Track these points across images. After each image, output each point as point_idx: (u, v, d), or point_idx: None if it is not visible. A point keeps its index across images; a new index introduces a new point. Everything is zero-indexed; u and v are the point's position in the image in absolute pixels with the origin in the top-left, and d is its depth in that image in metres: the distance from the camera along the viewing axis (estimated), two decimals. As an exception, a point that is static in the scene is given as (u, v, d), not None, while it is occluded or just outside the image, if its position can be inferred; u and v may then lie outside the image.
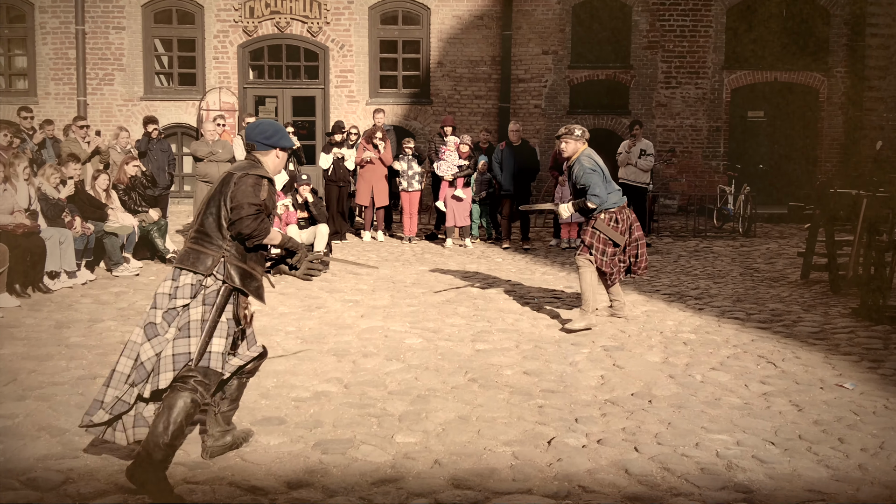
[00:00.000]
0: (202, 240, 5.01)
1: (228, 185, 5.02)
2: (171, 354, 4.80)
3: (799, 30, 19.46)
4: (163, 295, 4.97)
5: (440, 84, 19.59)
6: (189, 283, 4.95)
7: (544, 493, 4.85)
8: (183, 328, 4.87)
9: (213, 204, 5.02)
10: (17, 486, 4.80)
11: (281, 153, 5.34)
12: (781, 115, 19.80)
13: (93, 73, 19.57)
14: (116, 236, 11.64)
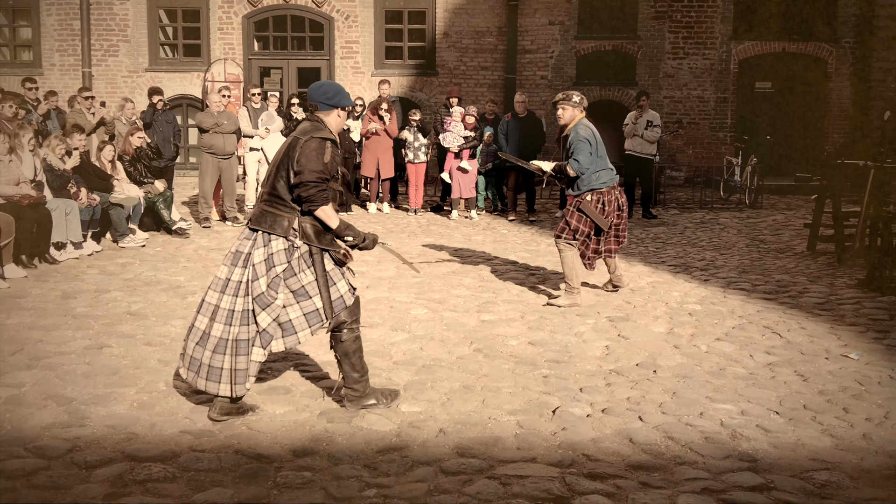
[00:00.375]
0: (276, 202, 5.26)
1: (295, 148, 5.22)
2: (302, 315, 5.28)
3: (807, 0, 19.29)
4: (260, 264, 5.21)
5: (446, 55, 19.49)
6: (283, 249, 5.24)
7: (548, 461, 4.86)
8: (299, 292, 5.26)
9: (283, 167, 5.25)
10: (24, 455, 4.83)
11: (342, 112, 5.54)
12: (789, 85, 19.68)
13: (97, 45, 19.50)
14: (122, 207, 11.65)
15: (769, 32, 19.41)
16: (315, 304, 5.29)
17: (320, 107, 5.46)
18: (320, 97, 5.48)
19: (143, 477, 4.56)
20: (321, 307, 5.30)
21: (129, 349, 6.88)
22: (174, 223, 12.55)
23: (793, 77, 19.60)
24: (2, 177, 9.78)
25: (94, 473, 4.60)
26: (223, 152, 13.31)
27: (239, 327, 5.23)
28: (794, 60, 19.52)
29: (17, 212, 9.67)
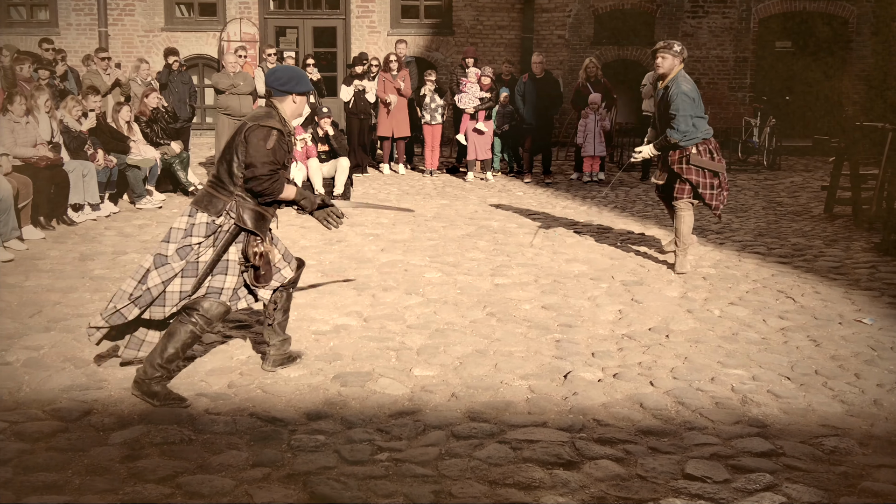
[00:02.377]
0: (216, 185, 5.23)
1: (241, 134, 5.18)
2: (178, 291, 5.13)
3: (830, -43, 19.01)
4: (177, 230, 5.17)
5: (462, 14, 19.35)
6: (204, 223, 5.15)
7: (559, 425, 4.91)
8: (191, 266, 5.13)
9: (228, 152, 5.21)
10: (43, 416, 4.91)
11: (298, 98, 5.37)
12: (809, 45, 19.43)
13: (113, 4, 19.45)
14: (139, 169, 11.70)
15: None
16: (189, 285, 5.14)
17: (274, 93, 5.36)
18: (273, 83, 5.36)
19: (160, 439, 4.64)
20: (189, 290, 5.14)
21: (145, 312, 6.95)
22: (191, 184, 12.59)
23: (813, 37, 19.35)
24: (19, 138, 9.83)
25: (111, 436, 4.68)
26: (239, 113, 13.30)
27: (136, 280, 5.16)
28: (814, 20, 19.26)
29: (34, 173, 9.73)
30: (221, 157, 5.25)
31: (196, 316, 5.16)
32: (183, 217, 5.21)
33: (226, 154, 5.23)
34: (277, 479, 4.24)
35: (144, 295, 5.09)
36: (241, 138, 5.16)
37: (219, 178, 5.22)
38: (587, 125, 14.55)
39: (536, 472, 4.34)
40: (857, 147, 11.30)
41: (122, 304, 5.12)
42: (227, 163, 5.19)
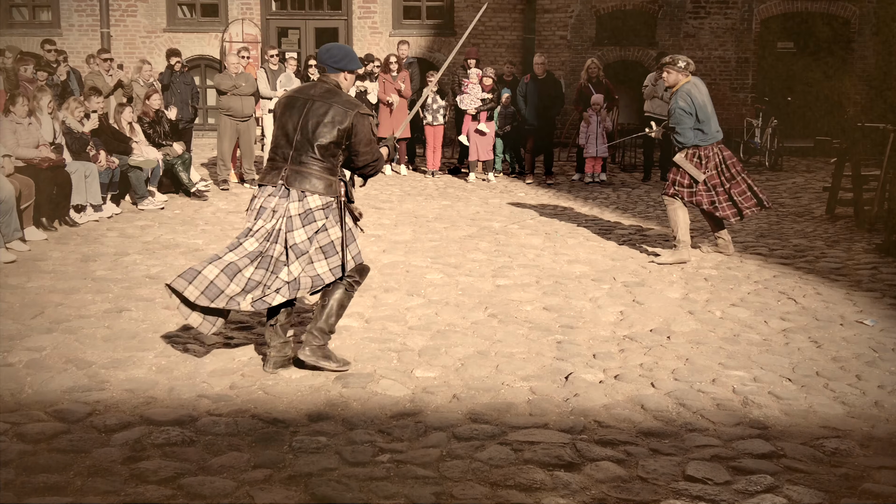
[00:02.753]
0: (313, 163, 5.40)
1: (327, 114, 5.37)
2: (328, 269, 5.52)
3: (832, -42, 19.00)
4: (296, 217, 5.38)
5: (464, 15, 19.35)
6: (320, 207, 5.41)
7: (560, 427, 4.91)
8: (327, 247, 5.48)
9: (325, 130, 5.36)
10: (45, 418, 4.92)
11: (349, 75, 5.65)
12: (811, 46, 19.41)
13: (116, 5, 19.47)
14: (141, 170, 11.71)
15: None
16: (339, 260, 5.51)
17: (328, 69, 5.59)
18: (328, 60, 5.59)
19: (162, 441, 4.65)
20: (342, 263, 5.52)
21: (148, 313, 6.97)
22: (193, 185, 12.61)
23: (815, 37, 19.34)
24: (21, 140, 9.85)
25: (113, 437, 4.69)
26: (241, 114, 13.34)
27: (255, 268, 5.39)
28: (816, 20, 19.25)
29: (36, 175, 9.75)
30: (311, 135, 5.36)
31: (349, 281, 5.65)
32: (293, 203, 5.38)
33: (321, 131, 5.36)
34: (279, 480, 4.25)
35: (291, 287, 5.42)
36: (349, 124, 5.37)
37: (315, 157, 5.38)
38: (589, 126, 14.55)
39: (537, 473, 4.35)
40: (858, 148, 11.29)
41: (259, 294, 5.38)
42: (327, 140, 5.35)
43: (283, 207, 5.40)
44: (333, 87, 5.53)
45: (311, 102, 5.43)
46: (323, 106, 5.39)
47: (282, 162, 5.45)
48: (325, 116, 5.36)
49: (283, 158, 5.45)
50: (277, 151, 5.50)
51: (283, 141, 5.47)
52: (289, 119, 5.45)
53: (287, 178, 5.40)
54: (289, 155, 5.42)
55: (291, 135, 5.43)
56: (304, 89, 5.64)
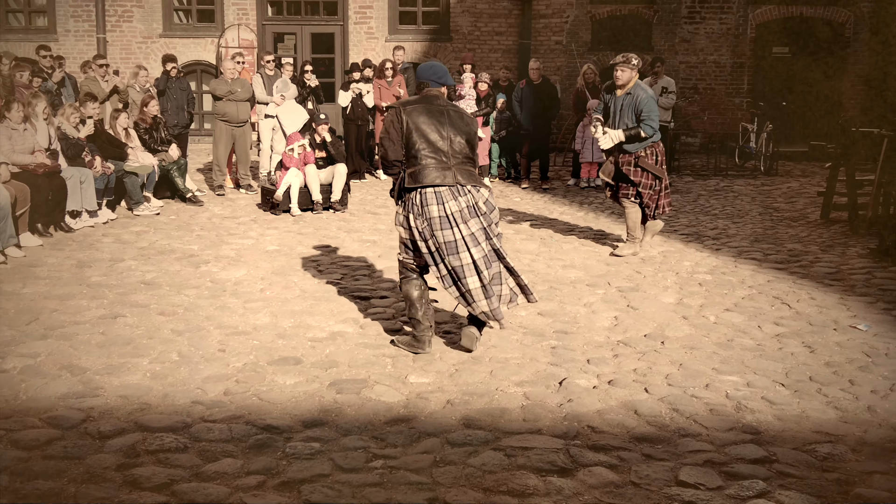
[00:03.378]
0: (469, 161, 6.19)
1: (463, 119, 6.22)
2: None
3: (826, -37, 19.05)
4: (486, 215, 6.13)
5: (460, 20, 19.39)
6: (489, 198, 6.22)
7: (553, 433, 4.93)
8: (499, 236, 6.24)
9: (460, 133, 6.12)
10: (39, 424, 4.93)
11: (446, 89, 6.40)
12: (807, 51, 19.46)
13: (112, 10, 19.49)
14: (137, 175, 11.72)
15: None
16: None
17: (432, 84, 6.28)
18: (431, 76, 6.30)
19: (156, 447, 4.65)
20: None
21: (142, 319, 6.98)
22: (188, 191, 12.62)
23: (810, 42, 19.38)
24: (17, 145, 9.85)
25: (107, 444, 4.70)
26: (237, 120, 13.35)
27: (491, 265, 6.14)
28: (811, 25, 19.29)
29: (32, 180, 9.75)
30: (454, 138, 6.09)
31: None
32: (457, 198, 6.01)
33: (459, 135, 6.12)
34: (272, 486, 4.26)
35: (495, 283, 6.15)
36: (475, 128, 6.31)
37: (468, 156, 6.17)
38: (586, 131, 14.56)
39: (531, 479, 4.36)
40: (853, 152, 11.32)
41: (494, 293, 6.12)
42: (467, 144, 6.15)
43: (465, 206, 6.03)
44: (446, 99, 6.33)
45: (446, 113, 6.13)
46: (457, 115, 6.19)
47: (443, 164, 6.04)
48: (463, 124, 6.18)
49: (442, 161, 6.05)
50: (430, 155, 6.04)
51: (428, 147, 6.04)
52: (429, 127, 6.06)
53: (457, 176, 6.05)
54: (448, 157, 6.07)
55: (440, 141, 6.06)
56: (428, 101, 6.20)
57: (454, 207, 5.97)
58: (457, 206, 5.98)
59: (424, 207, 5.99)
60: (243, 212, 12.07)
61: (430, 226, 6.00)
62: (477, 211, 6.06)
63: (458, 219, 5.98)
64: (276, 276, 8.45)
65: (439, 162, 6.01)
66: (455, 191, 6.01)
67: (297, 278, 8.36)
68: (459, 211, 5.99)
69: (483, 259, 6.04)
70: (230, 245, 9.82)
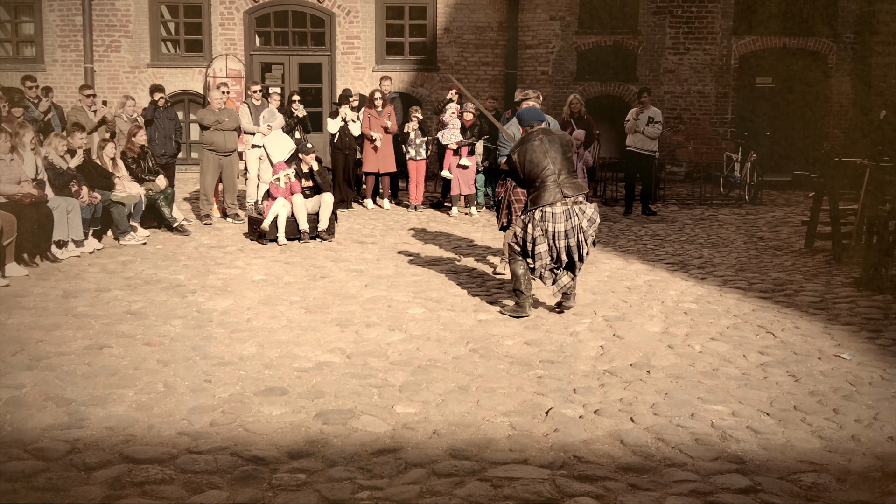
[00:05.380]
0: (575, 175, 8.11)
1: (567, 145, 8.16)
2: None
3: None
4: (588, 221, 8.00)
5: (447, 50, 19.53)
6: (594, 206, 8.13)
7: (540, 462, 4.93)
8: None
9: (567, 152, 8.07)
10: (24, 456, 4.91)
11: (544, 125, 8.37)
12: (790, 82, 19.67)
13: (99, 40, 19.54)
14: (123, 205, 11.72)
15: (770, 28, 19.39)
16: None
17: (536, 123, 8.23)
18: (533, 118, 8.31)
19: (141, 479, 4.64)
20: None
21: (128, 349, 6.96)
22: (175, 220, 12.62)
23: (793, 73, 19.59)
24: (3, 176, 9.85)
25: (92, 475, 4.68)
26: (224, 149, 13.38)
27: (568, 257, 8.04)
28: (794, 56, 19.51)
29: (18, 210, 9.74)
30: (564, 158, 8.00)
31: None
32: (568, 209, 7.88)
33: (567, 153, 8.07)
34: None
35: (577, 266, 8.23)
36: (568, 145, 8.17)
37: (574, 171, 8.07)
38: (573, 160, 14.65)
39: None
40: (836, 182, 11.43)
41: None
42: (570, 162, 8.07)
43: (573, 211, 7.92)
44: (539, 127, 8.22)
45: (551, 140, 8.01)
46: (556, 141, 8.04)
47: (554, 183, 7.86)
48: (563, 147, 8.03)
49: (553, 181, 7.87)
50: (544, 178, 7.89)
51: (542, 170, 7.90)
52: (543, 154, 7.92)
53: (568, 189, 7.89)
54: (558, 176, 7.89)
55: (552, 164, 7.90)
56: (536, 136, 8.05)
57: (562, 227, 7.86)
58: (564, 218, 7.86)
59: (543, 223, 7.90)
60: (230, 241, 12.07)
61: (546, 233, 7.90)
62: (579, 230, 7.92)
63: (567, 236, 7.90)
64: (262, 305, 8.45)
65: (550, 182, 7.86)
66: (568, 212, 7.86)
67: (284, 308, 8.37)
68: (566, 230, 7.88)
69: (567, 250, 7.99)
70: (217, 275, 9.82)
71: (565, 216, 7.85)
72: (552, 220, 7.86)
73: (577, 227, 7.89)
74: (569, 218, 7.85)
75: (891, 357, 6.98)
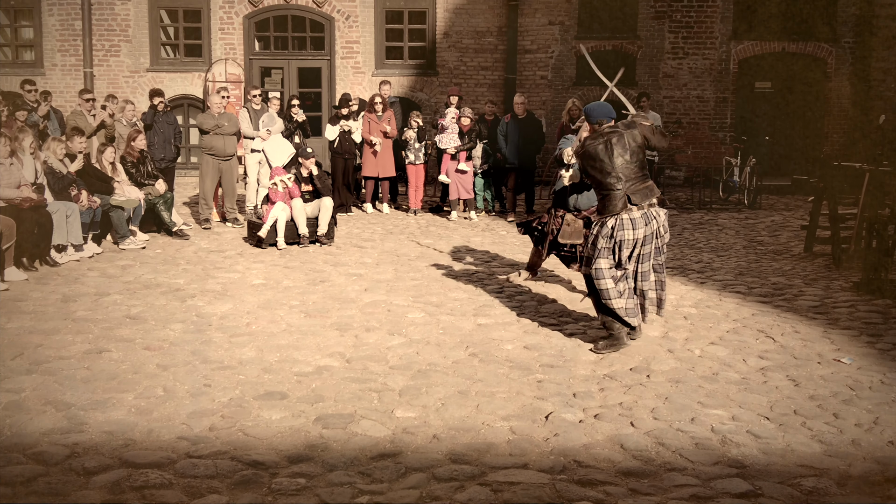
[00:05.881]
0: (647, 178, 7.09)
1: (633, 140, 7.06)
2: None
3: (807, 0, 19.28)
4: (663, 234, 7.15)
5: (446, 55, 19.54)
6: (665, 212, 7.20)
7: (540, 467, 4.93)
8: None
9: (638, 153, 7.05)
10: (23, 461, 4.90)
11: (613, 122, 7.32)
12: (789, 86, 19.68)
13: (99, 45, 19.55)
14: (123, 209, 11.72)
15: (769, 32, 19.42)
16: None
17: (606, 120, 7.28)
18: (605, 114, 7.34)
19: (140, 483, 4.63)
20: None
21: (127, 353, 6.96)
22: (174, 225, 12.61)
23: (792, 77, 19.61)
24: (3, 180, 9.85)
25: (91, 480, 4.67)
26: (223, 154, 13.38)
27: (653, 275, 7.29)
28: (793, 60, 19.53)
29: (17, 215, 9.73)
30: (633, 157, 7.01)
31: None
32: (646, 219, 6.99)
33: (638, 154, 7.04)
34: (258, 522, 4.24)
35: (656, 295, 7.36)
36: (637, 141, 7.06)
37: (645, 177, 7.06)
38: (572, 166, 14.67)
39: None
40: (835, 186, 11.43)
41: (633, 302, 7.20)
42: (639, 161, 7.06)
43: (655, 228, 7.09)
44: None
45: (618, 139, 7.00)
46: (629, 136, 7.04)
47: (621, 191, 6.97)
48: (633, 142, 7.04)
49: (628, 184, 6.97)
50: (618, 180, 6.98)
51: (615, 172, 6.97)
52: (618, 154, 6.98)
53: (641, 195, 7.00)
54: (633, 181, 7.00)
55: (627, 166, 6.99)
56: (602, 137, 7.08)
57: (642, 233, 6.98)
58: (644, 231, 6.98)
59: (623, 230, 6.97)
60: (229, 245, 12.06)
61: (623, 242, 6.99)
62: (657, 235, 7.09)
63: (644, 242, 7.04)
64: (262, 310, 8.45)
65: (628, 185, 6.97)
66: (646, 216, 7.00)
67: (283, 312, 8.36)
68: (645, 235, 7.00)
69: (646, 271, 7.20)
70: (216, 279, 9.81)
71: (645, 219, 7.01)
72: (627, 227, 6.98)
73: (655, 232, 7.08)
74: (647, 223, 7.02)
75: (890, 361, 6.98)
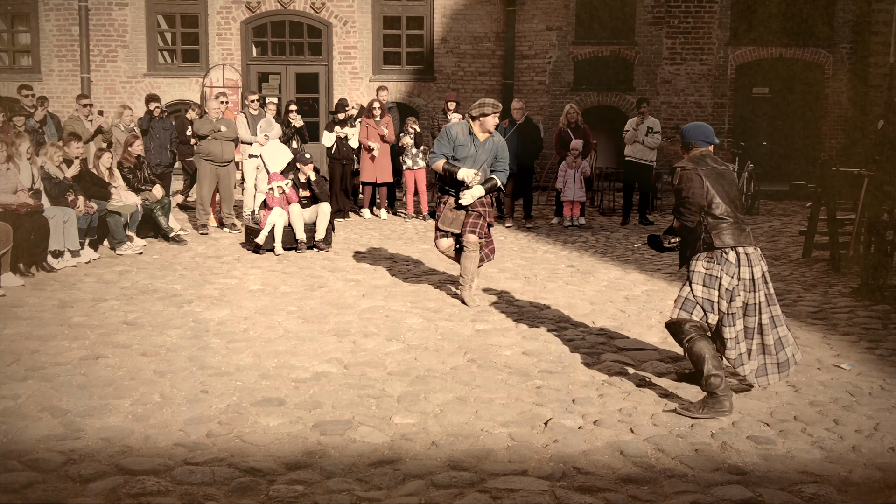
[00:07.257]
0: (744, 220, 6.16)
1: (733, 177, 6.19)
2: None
3: (804, 5, 19.30)
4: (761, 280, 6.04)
5: (444, 60, 19.53)
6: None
7: (539, 474, 4.90)
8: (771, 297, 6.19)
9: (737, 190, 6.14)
10: (19, 468, 4.87)
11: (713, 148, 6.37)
12: (786, 91, 19.69)
13: (96, 50, 19.54)
14: (120, 215, 11.69)
15: (766, 37, 19.41)
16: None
17: (700, 144, 6.27)
18: (702, 137, 6.31)
19: (137, 490, 4.60)
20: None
21: (124, 359, 6.92)
22: (172, 230, 12.58)
23: (790, 82, 19.61)
24: (0, 185, 9.82)
25: (88, 487, 4.64)
26: (221, 159, 13.36)
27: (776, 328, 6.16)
28: (791, 65, 19.54)
29: (14, 220, 9.70)
30: (735, 198, 6.07)
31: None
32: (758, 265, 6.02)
33: (738, 194, 6.13)
34: (255, 530, 4.21)
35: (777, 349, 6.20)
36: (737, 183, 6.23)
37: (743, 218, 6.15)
38: (567, 170, 14.69)
39: (516, 521, 4.33)
40: (833, 192, 11.42)
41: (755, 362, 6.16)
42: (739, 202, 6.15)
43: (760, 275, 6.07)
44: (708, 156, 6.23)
45: (726, 174, 6.14)
46: (730, 173, 6.20)
47: (740, 224, 6.03)
48: (734, 181, 6.17)
49: (739, 220, 6.04)
50: (730, 215, 6.00)
51: (729, 206, 6.01)
52: (730, 185, 6.08)
53: (748, 236, 6.08)
54: (740, 218, 6.08)
55: (734, 200, 6.06)
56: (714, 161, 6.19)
57: (758, 272, 6.03)
58: (760, 270, 6.04)
59: (740, 268, 5.99)
60: (227, 251, 12.04)
61: (737, 286, 6.00)
62: (766, 276, 6.10)
63: (761, 283, 6.04)
64: (259, 315, 8.42)
65: (737, 221, 6.04)
66: (759, 254, 6.11)
67: (281, 318, 8.33)
68: (762, 275, 6.05)
69: (770, 322, 6.15)
70: (213, 284, 9.78)
71: (760, 256, 6.12)
72: (749, 264, 6.02)
73: (765, 273, 6.12)
74: (762, 260, 6.13)
75: (890, 367, 6.95)
